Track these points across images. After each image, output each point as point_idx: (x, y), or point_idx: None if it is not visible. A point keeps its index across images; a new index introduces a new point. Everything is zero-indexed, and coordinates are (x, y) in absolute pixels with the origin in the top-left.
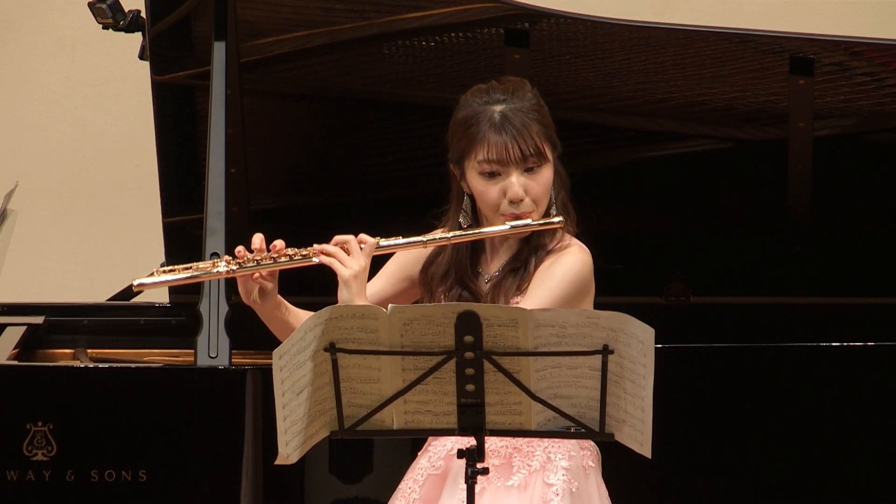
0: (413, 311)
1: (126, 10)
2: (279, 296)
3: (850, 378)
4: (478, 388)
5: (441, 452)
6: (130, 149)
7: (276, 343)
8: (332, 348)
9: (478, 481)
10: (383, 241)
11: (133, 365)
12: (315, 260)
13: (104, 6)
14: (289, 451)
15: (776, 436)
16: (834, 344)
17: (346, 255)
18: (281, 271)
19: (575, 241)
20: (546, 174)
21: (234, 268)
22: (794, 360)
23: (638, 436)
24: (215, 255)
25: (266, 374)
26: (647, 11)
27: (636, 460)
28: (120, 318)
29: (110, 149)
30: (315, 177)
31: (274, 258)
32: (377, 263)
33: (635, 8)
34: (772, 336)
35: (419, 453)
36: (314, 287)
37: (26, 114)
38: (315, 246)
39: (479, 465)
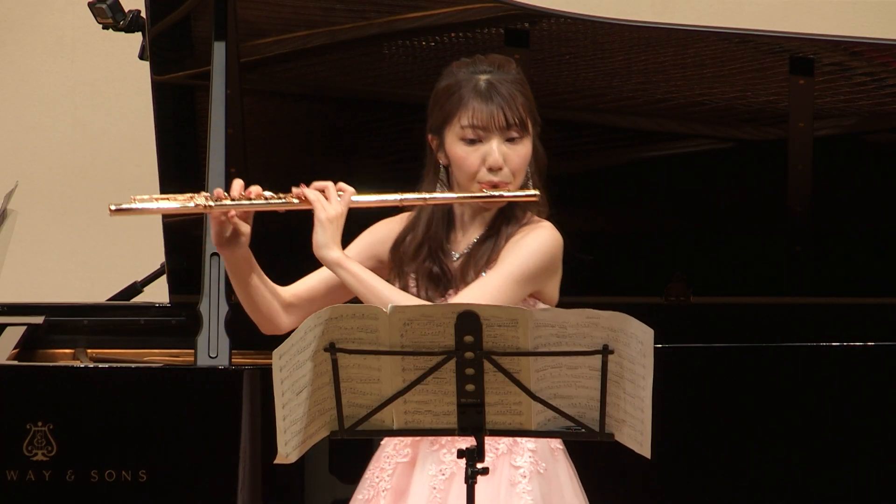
0: (413, 311)
1: (126, 10)
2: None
3: (850, 378)
4: (478, 388)
5: (407, 440)
6: (130, 149)
7: (276, 343)
8: (332, 348)
9: (446, 465)
10: (357, 197)
11: (133, 365)
12: (295, 201)
13: (104, 6)
14: (288, 450)
15: (776, 436)
16: (834, 344)
17: (325, 199)
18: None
19: (546, 221)
20: (526, 146)
21: (211, 204)
22: (794, 360)
23: (637, 436)
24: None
25: (266, 374)
26: (647, 11)
27: (635, 460)
28: (120, 318)
29: (110, 149)
30: (315, 177)
31: (251, 200)
32: (350, 232)
33: (635, 8)
34: (772, 336)
35: (381, 442)
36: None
37: (26, 114)
38: (294, 190)
39: (478, 465)
